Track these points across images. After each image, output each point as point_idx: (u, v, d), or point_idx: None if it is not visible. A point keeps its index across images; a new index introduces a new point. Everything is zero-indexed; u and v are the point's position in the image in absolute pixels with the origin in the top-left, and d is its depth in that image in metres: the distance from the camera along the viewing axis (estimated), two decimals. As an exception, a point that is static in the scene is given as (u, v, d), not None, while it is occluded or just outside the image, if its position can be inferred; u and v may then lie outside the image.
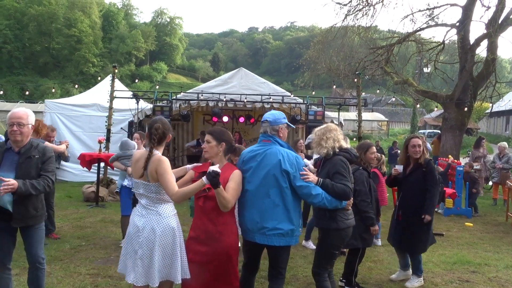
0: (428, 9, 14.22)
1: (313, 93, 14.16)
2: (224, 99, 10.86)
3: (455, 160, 9.92)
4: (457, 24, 13.14)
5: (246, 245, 3.46)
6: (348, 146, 3.90)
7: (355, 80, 12.41)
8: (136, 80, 36.37)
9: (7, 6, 63.38)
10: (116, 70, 11.31)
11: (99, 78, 18.53)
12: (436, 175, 4.90)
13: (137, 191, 3.26)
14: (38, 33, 64.80)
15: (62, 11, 66.04)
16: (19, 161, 3.48)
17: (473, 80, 12.67)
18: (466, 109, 12.58)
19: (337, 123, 10.88)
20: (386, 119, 43.05)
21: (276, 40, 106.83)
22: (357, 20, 14.88)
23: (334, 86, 15.62)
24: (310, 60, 17.00)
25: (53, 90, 31.94)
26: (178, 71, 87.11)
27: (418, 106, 23.02)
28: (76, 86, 39.06)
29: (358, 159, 4.15)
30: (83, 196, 9.48)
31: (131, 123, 10.77)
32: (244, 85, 11.46)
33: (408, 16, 14.27)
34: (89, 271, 4.96)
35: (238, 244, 3.32)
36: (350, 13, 14.73)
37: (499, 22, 12.17)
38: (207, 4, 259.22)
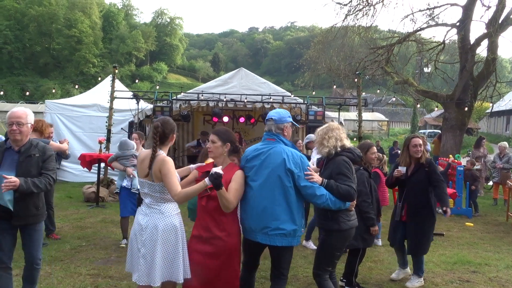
0: (428, 9, 14.21)
1: (314, 93, 14.17)
2: (225, 99, 10.86)
3: (455, 160, 9.91)
4: (458, 24, 13.13)
5: (246, 244, 3.42)
6: (352, 146, 3.85)
7: (356, 80, 12.40)
8: (137, 81, 36.45)
9: (8, 7, 63.45)
10: (116, 71, 11.31)
11: (99, 79, 18.56)
12: (439, 173, 4.93)
13: (142, 190, 3.31)
14: (39, 33, 64.86)
15: (62, 12, 66.09)
16: (19, 160, 3.51)
17: (473, 80, 12.66)
18: (466, 109, 12.57)
19: (337, 123, 10.87)
20: (387, 119, 43.03)
21: (276, 40, 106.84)
22: (357, 20, 14.89)
23: (335, 86, 15.62)
24: (311, 60, 17.01)
25: (54, 91, 32.03)
26: (178, 72, 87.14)
27: (419, 106, 23.05)
28: (76, 86, 39.09)
29: (361, 159, 4.10)
30: (83, 196, 9.47)
31: (131, 124, 10.77)
32: (244, 85, 11.45)
33: (408, 16, 14.28)
34: (90, 271, 4.96)
35: (240, 244, 3.32)
36: (350, 13, 14.73)
37: (500, 21, 12.16)
38: (207, 4, 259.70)
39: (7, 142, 3.59)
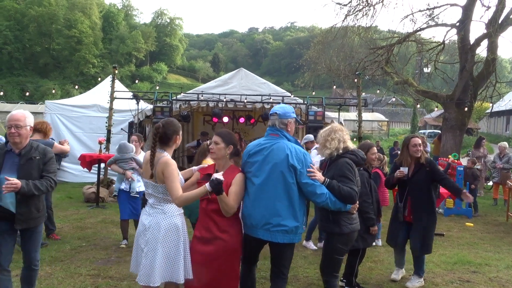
0: (428, 9, 14.21)
1: (313, 93, 14.15)
2: (224, 100, 10.86)
3: (455, 160, 9.91)
4: (457, 24, 13.12)
5: (246, 240, 3.36)
6: (355, 148, 3.80)
7: (355, 80, 12.40)
8: (136, 81, 36.45)
9: (7, 7, 63.44)
10: (116, 71, 11.31)
11: (99, 79, 18.53)
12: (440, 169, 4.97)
13: (147, 191, 3.35)
14: (38, 34, 64.83)
15: (62, 12, 66.06)
16: (20, 163, 3.52)
17: (473, 80, 12.66)
18: (466, 109, 12.57)
19: (338, 123, 10.87)
20: (387, 119, 42.99)
21: (276, 40, 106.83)
22: (357, 20, 14.88)
23: (334, 87, 15.64)
24: (310, 60, 17.01)
25: (53, 91, 32.01)
26: (178, 72, 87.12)
27: (419, 106, 23.04)
28: (76, 87, 39.10)
29: (365, 161, 4.03)
30: (83, 197, 9.48)
31: (131, 124, 10.77)
32: (244, 85, 11.46)
33: (408, 16, 14.27)
34: (90, 272, 4.96)
35: (240, 245, 3.31)
36: (350, 14, 14.73)
37: (499, 22, 12.16)
38: (207, 5, 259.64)
39: (7, 144, 3.60)
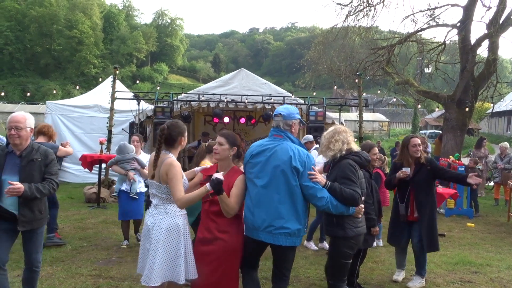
0: (429, 9, 14.21)
1: (314, 93, 14.18)
2: (225, 100, 10.87)
3: (456, 160, 9.91)
4: (458, 24, 13.12)
5: (248, 242, 3.33)
6: (359, 149, 3.75)
7: (356, 80, 12.39)
8: (137, 81, 36.37)
9: (8, 8, 63.47)
10: (117, 71, 11.34)
11: (100, 79, 18.60)
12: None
13: (151, 191, 3.39)
14: (39, 34, 64.86)
15: (63, 13, 66.09)
16: (21, 164, 3.52)
17: (474, 80, 12.65)
18: (467, 109, 12.56)
19: (338, 123, 10.87)
20: (387, 119, 42.94)
21: (277, 40, 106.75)
22: (358, 20, 14.88)
23: (335, 87, 15.59)
24: (311, 60, 17.01)
25: (54, 92, 32.03)
26: (179, 72, 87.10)
27: (419, 106, 23.06)
28: (77, 87, 39.20)
29: (369, 163, 3.97)
30: (84, 197, 9.48)
31: (132, 124, 10.78)
32: (245, 86, 11.47)
33: (409, 16, 14.27)
34: (91, 272, 4.97)
35: (241, 246, 3.31)
36: (351, 14, 14.73)
37: (500, 22, 12.16)
38: (207, 5, 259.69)
39: (8, 146, 3.60)
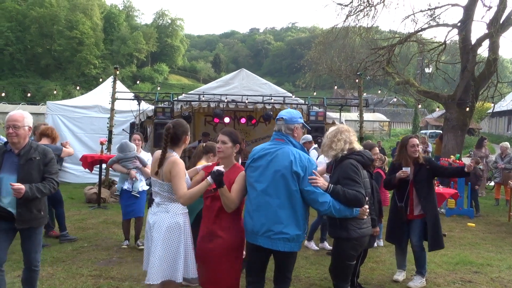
0: (429, 9, 14.23)
1: (315, 93, 14.19)
2: (226, 100, 10.87)
3: (457, 160, 9.89)
4: (459, 24, 13.12)
5: (249, 249, 3.31)
6: (362, 149, 3.70)
7: (357, 80, 12.39)
8: (138, 82, 36.45)
9: (9, 8, 63.51)
10: (118, 72, 11.34)
11: (100, 80, 18.60)
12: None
13: (153, 189, 3.43)
14: (40, 35, 64.90)
15: (63, 13, 66.12)
16: (20, 163, 3.52)
17: (474, 80, 12.65)
18: (467, 109, 12.56)
19: (338, 123, 10.86)
20: (388, 119, 42.89)
21: (277, 41, 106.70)
22: (358, 20, 14.91)
23: (336, 87, 15.58)
24: (312, 60, 17.04)
25: (55, 92, 31.93)
26: (180, 73, 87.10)
27: (420, 106, 23.07)
28: (77, 87, 39.21)
29: (372, 162, 3.92)
30: (85, 197, 9.48)
31: (132, 125, 10.78)
32: (245, 86, 11.47)
33: (409, 16, 14.30)
34: (91, 272, 4.97)
35: (241, 245, 3.33)
36: (351, 14, 14.75)
37: (501, 22, 12.16)
38: (208, 5, 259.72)
39: (7, 145, 3.61)
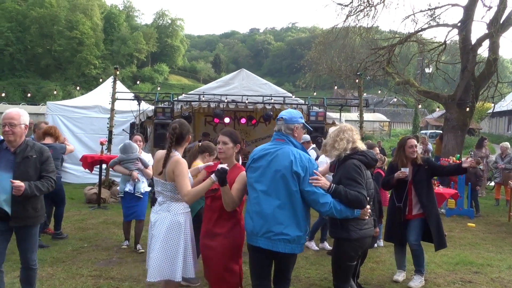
0: (429, 9, 14.23)
1: (315, 94, 14.18)
2: (226, 100, 10.87)
3: (457, 160, 9.89)
4: (459, 24, 13.12)
5: (250, 251, 3.28)
6: (365, 149, 3.64)
7: (357, 80, 12.39)
8: (138, 82, 36.44)
9: (9, 9, 63.52)
10: (118, 72, 11.34)
11: (100, 80, 18.61)
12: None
13: (156, 189, 3.46)
14: (40, 35, 64.91)
15: (63, 13, 66.12)
16: (16, 161, 3.52)
17: (475, 80, 12.65)
18: (468, 109, 12.56)
19: (338, 124, 10.86)
20: (388, 119, 42.88)
21: (277, 41, 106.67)
22: (358, 20, 14.91)
23: (336, 87, 15.58)
24: (312, 61, 17.04)
25: (55, 92, 31.93)
26: (180, 73, 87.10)
27: (420, 106, 23.06)
28: (77, 88, 39.21)
29: (376, 162, 3.85)
30: (85, 197, 9.48)
31: (132, 125, 10.78)
32: (245, 86, 11.47)
33: (409, 16, 14.30)
34: (91, 272, 4.97)
35: (242, 241, 3.38)
36: (352, 14, 14.75)
37: (501, 22, 12.16)
38: (208, 6, 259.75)
39: (3, 143, 3.61)
